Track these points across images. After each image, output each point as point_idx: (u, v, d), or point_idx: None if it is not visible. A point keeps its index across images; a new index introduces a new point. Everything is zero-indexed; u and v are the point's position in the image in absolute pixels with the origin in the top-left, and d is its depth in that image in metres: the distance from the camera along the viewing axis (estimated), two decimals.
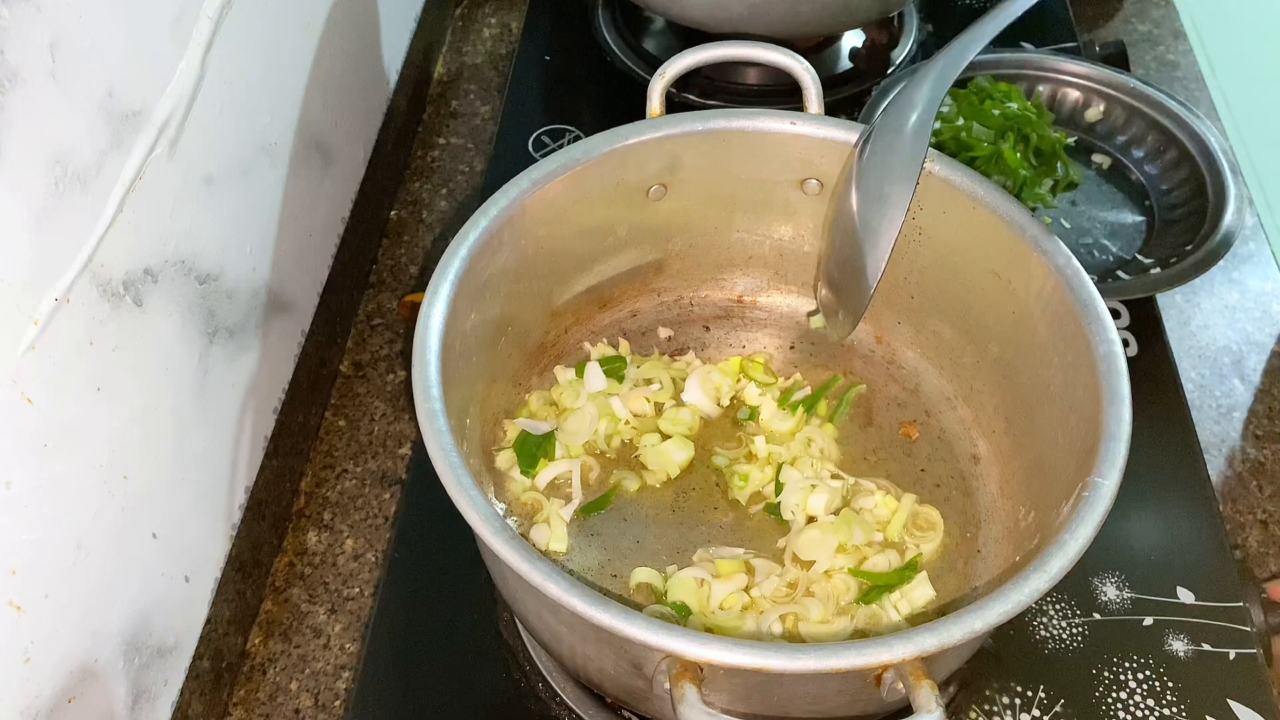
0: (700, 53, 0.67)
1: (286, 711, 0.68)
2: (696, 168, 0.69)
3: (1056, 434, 0.60)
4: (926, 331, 0.73)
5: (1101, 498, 0.51)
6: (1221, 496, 0.75)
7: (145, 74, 0.56)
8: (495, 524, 0.48)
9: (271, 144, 0.73)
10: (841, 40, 1.02)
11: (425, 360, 0.55)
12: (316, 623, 0.72)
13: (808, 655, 0.45)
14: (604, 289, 0.74)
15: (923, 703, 0.44)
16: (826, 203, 0.70)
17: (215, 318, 0.66)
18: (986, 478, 0.68)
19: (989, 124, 0.86)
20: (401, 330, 0.89)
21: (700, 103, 0.94)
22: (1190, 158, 0.87)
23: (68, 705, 0.53)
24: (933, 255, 0.69)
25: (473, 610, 0.66)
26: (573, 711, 0.62)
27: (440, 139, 1.04)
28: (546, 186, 0.64)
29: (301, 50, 0.78)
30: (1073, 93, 0.93)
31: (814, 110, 0.68)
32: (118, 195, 0.54)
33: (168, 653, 0.63)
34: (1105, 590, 0.67)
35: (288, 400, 0.77)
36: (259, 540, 0.73)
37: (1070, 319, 0.58)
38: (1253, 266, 0.90)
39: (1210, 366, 0.83)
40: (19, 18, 0.45)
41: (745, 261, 0.76)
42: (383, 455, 0.80)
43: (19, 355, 0.47)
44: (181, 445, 0.63)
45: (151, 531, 0.60)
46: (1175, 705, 0.62)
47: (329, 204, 0.85)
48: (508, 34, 1.15)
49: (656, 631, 0.45)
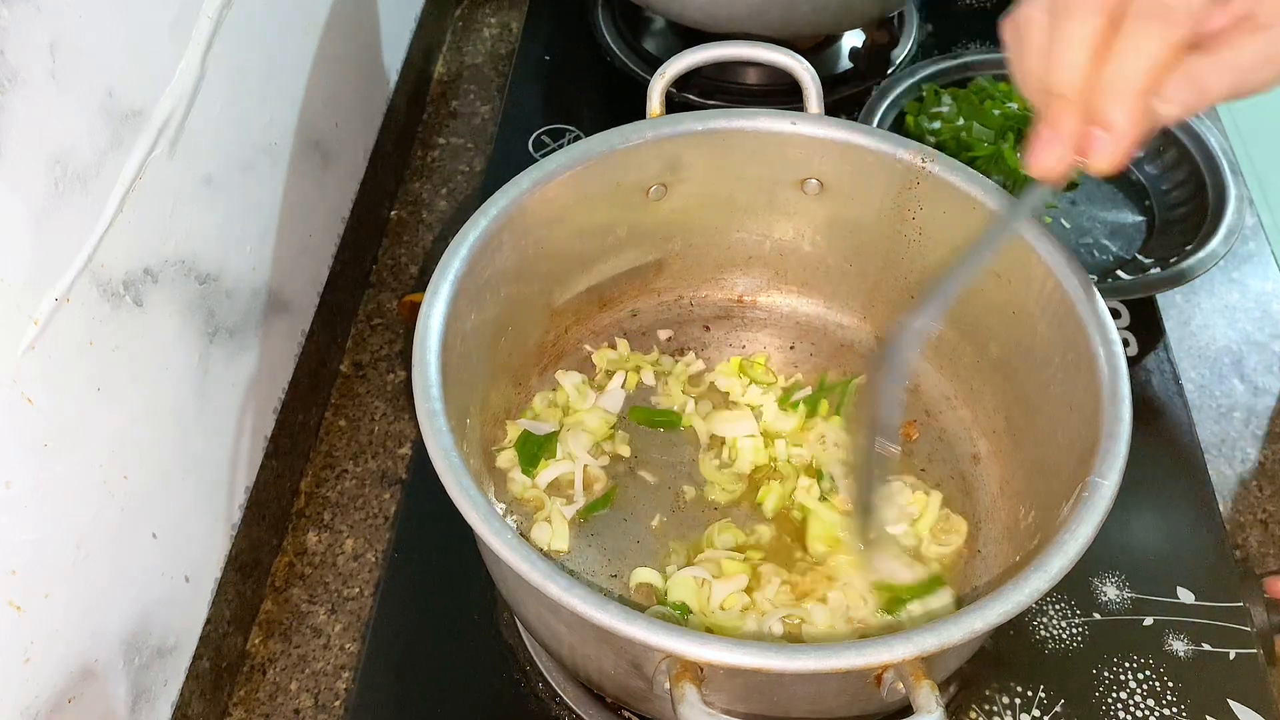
0: (700, 53, 0.67)
1: (286, 711, 0.68)
2: (696, 168, 0.69)
3: (1056, 434, 0.60)
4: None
5: (1101, 498, 0.51)
6: (1221, 496, 0.75)
7: (145, 74, 0.56)
8: (495, 524, 0.48)
9: (271, 144, 0.73)
10: (841, 40, 1.02)
11: (425, 360, 0.55)
12: (316, 623, 0.72)
13: (808, 655, 0.45)
14: (604, 289, 0.74)
15: (923, 703, 0.44)
16: (825, 204, 0.70)
17: (215, 318, 0.66)
18: (986, 478, 0.68)
19: (989, 124, 0.86)
20: (401, 330, 0.89)
21: (700, 103, 0.94)
22: (1190, 157, 0.87)
23: (68, 705, 0.53)
24: (933, 255, 0.69)
25: (473, 610, 0.66)
26: (573, 711, 0.62)
27: (440, 139, 1.04)
28: (546, 186, 0.64)
29: (301, 50, 0.78)
30: None
31: (814, 110, 0.68)
32: (118, 195, 0.54)
33: (168, 653, 0.63)
34: (1105, 590, 0.67)
35: (288, 400, 0.77)
36: (259, 540, 0.73)
37: (1070, 319, 0.58)
38: (1253, 266, 0.90)
39: (1210, 366, 0.83)
40: (19, 18, 0.45)
41: (745, 261, 0.76)
42: (383, 455, 0.80)
43: (19, 355, 0.47)
44: (181, 445, 0.63)
45: (151, 531, 0.60)
46: (1175, 705, 0.62)
47: (329, 204, 0.85)
48: (508, 34, 1.15)
49: (656, 631, 0.45)
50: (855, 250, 0.73)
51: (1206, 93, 0.46)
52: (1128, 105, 0.45)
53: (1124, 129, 0.46)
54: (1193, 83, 0.45)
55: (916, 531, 0.65)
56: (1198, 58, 0.45)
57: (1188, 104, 0.46)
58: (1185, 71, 0.45)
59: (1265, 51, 0.45)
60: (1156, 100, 0.46)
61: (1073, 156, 0.48)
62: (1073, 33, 0.45)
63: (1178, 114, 0.46)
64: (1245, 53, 0.45)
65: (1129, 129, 0.46)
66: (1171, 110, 0.46)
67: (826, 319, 0.77)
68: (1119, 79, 0.45)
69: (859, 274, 0.74)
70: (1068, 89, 0.46)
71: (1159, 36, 0.44)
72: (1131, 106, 0.45)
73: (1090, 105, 0.46)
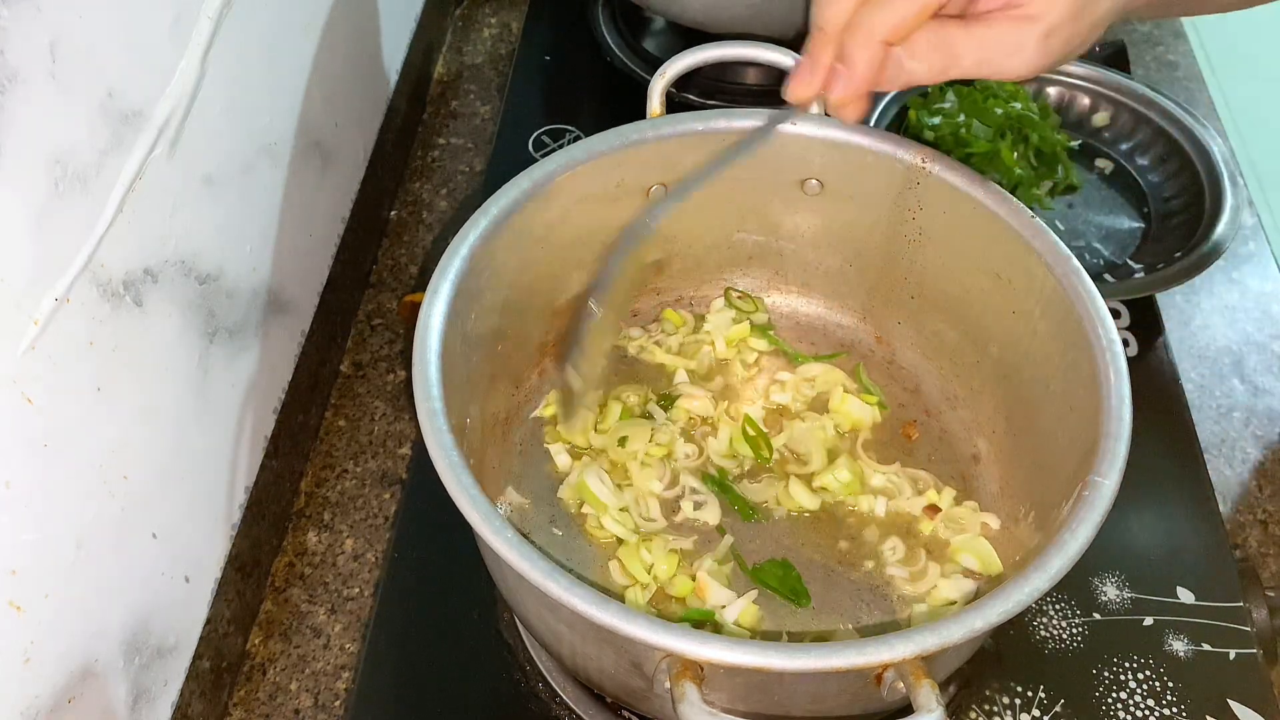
0: (700, 53, 0.67)
1: (286, 711, 0.68)
2: (697, 167, 0.69)
3: (1056, 434, 0.60)
4: (926, 331, 0.73)
5: (1101, 498, 0.51)
6: (1221, 496, 0.75)
7: (145, 74, 0.56)
8: (495, 524, 0.48)
9: (271, 144, 0.73)
10: None
11: (425, 360, 0.55)
12: (316, 623, 0.72)
13: (808, 654, 0.45)
14: None
15: (923, 702, 0.44)
16: (825, 203, 0.70)
17: (215, 318, 0.66)
18: (986, 478, 0.68)
19: (989, 121, 0.86)
20: (401, 330, 0.89)
21: (700, 103, 0.94)
22: (1191, 165, 0.87)
23: (68, 705, 0.53)
24: (933, 255, 0.69)
25: (473, 610, 0.66)
26: (573, 711, 0.62)
27: (440, 139, 1.04)
28: (546, 187, 0.64)
29: (301, 50, 0.78)
30: (1083, 97, 0.93)
31: (814, 110, 0.68)
32: (118, 195, 0.54)
33: (168, 653, 0.63)
34: (1105, 590, 0.67)
35: (288, 400, 0.77)
36: (259, 540, 0.73)
37: (1070, 319, 0.58)
38: (1253, 266, 0.90)
39: (1210, 366, 0.83)
40: (19, 18, 0.45)
41: (745, 261, 0.76)
42: (383, 455, 0.80)
43: (19, 355, 0.47)
44: (181, 445, 0.63)
45: (151, 531, 0.60)
46: (1175, 705, 0.62)
47: (329, 204, 0.85)
48: (508, 34, 1.15)
49: (657, 631, 0.45)
50: (855, 250, 0.73)
51: (955, 62, 0.50)
52: (869, 50, 0.50)
53: (861, 70, 0.51)
54: (944, 49, 0.50)
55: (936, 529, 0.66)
56: (956, 26, 0.50)
57: (936, 67, 0.50)
58: (941, 36, 0.50)
59: (1018, 39, 0.49)
60: (907, 57, 0.50)
61: (820, 88, 0.54)
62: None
63: (926, 74, 0.51)
64: (1001, 35, 0.49)
65: (865, 71, 0.51)
66: (919, 68, 0.51)
67: (826, 319, 0.77)
68: (866, 25, 0.50)
69: (859, 274, 0.74)
70: (829, 26, 0.52)
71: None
72: (872, 52, 0.50)
73: (842, 44, 0.51)
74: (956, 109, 0.87)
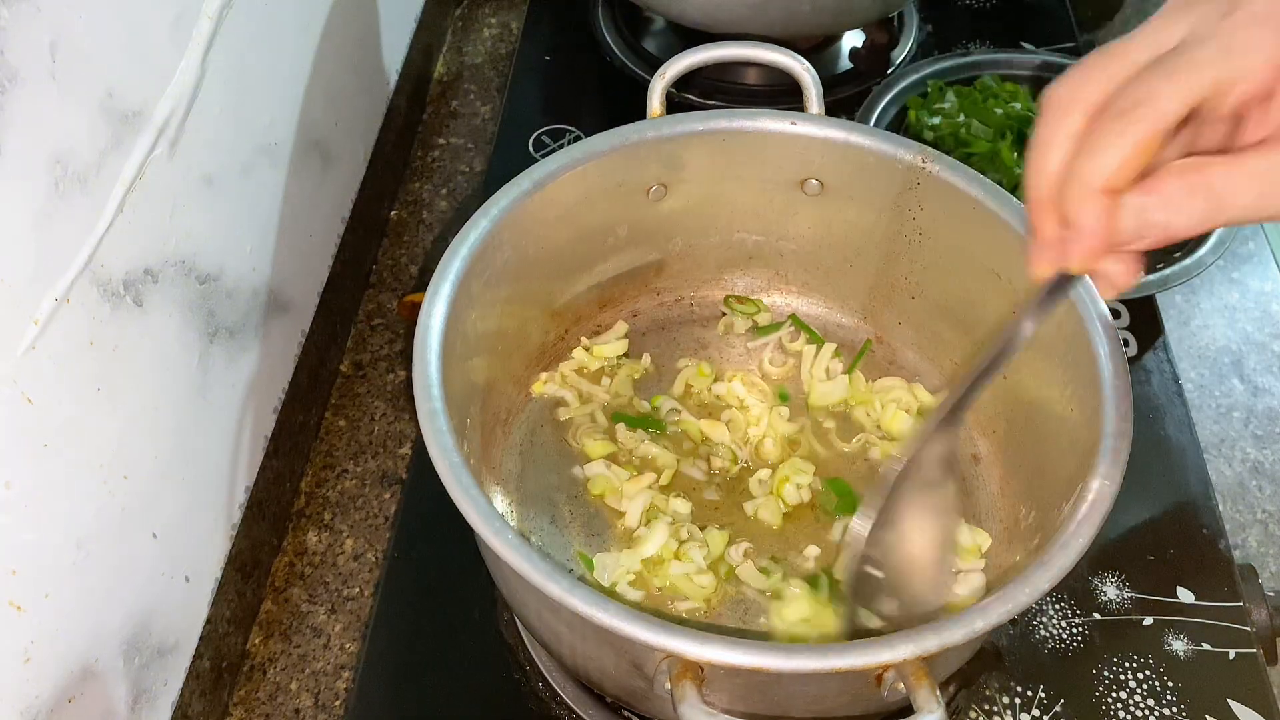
0: (700, 53, 0.67)
1: (286, 711, 0.68)
2: (696, 168, 0.69)
3: (1057, 434, 0.60)
4: (926, 331, 0.73)
5: (1102, 498, 0.51)
6: (1221, 496, 0.75)
7: (145, 74, 0.56)
8: (495, 524, 0.48)
9: (271, 144, 0.73)
10: (841, 40, 1.02)
11: (425, 360, 0.55)
12: (316, 623, 0.72)
13: (808, 655, 0.45)
14: (604, 289, 0.74)
15: (923, 702, 0.44)
16: (825, 203, 0.70)
17: (215, 318, 0.66)
18: (986, 478, 0.68)
19: (989, 122, 0.86)
20: (401, 330, 0.89)
21: (700, 103, 0.94)
22: None
23: (68, 705, 0.53)
24: (933, 255, 0.69)
25: (473, 610, 0.66)
26: (573, 711, 0.62)
27: (440, 139, 1.04)
28: (547, 186, 0.64)
29: (301, 50, 0.78)
30: None
31: (814, 110, 0.68)
32: (118, 195, 0.54)
33: (168, 653, 0.63)
34: (1105, 590, 0.67)
35: (288, 400, 0.77)
36: (259, 540, 0.73)
37: (1070, 319, 0.58)
38: (1253, 266, 0.90)
39: (1210, 366, 0.83)
40: (19, 18, 0.45)
41: (745, 261, 0.76)
42: (383, 455, 0.80)
43: (19, 355, 0.47)
44: (181, 445, 0.63)
45: (151, 531, 0.60)
46: (1175, 705, 0.62)
47: (329, 204, 0.85)
48: (508, 34, 1.15)
49: (657, 631, 0.45)
50: (855, 250, 0.73)
51: (1225, 204, 0.41)
52: (1088, 204, 0.42)
53: (1091, 230, 0.43)
54: (1207, 192, 0.41)
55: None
56: (1221, 165, 0.41)
57: (1197, 215, 0.42)
58: (1203, 178, 0.41)
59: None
60: (1157, 207, 0.42)
61: (1056, 261, 0.45)
62: (1042, 135, 0.44)
63: (1187, 224, 0.42)
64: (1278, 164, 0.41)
65: (1094, 229, 0.42)
66: (1179, 219, 0.42)
67: (826, 319, 0.77)
68: (1078, 178, 0.42)
69: (859, 274, 0.74)
70: (1037, 190, 0.44)
71: (1125, 133, 0.41)
72: (1093, 206, 0.42)
73: (1062, 208, 0.44)
74: (956, 109, 0.87)
